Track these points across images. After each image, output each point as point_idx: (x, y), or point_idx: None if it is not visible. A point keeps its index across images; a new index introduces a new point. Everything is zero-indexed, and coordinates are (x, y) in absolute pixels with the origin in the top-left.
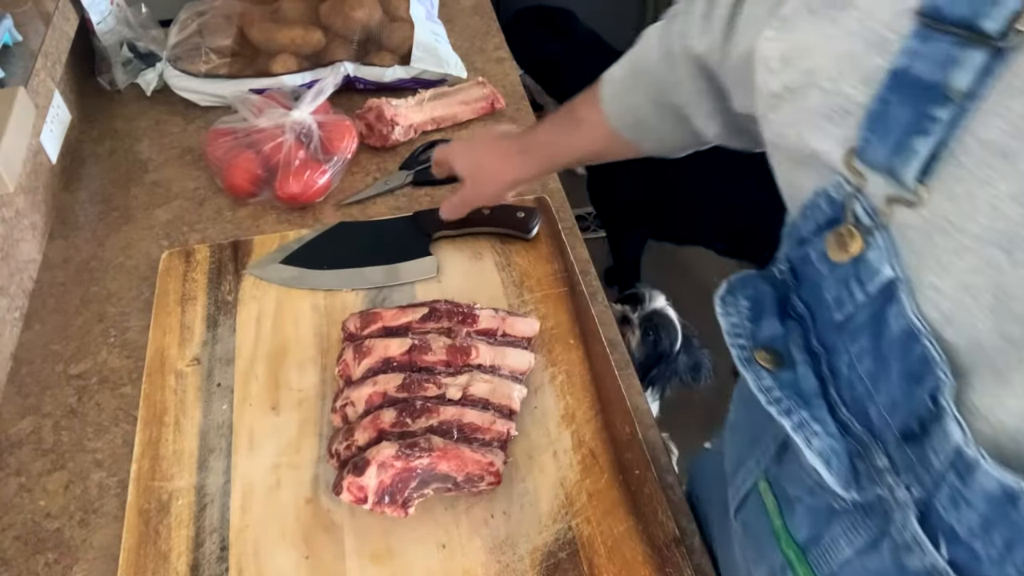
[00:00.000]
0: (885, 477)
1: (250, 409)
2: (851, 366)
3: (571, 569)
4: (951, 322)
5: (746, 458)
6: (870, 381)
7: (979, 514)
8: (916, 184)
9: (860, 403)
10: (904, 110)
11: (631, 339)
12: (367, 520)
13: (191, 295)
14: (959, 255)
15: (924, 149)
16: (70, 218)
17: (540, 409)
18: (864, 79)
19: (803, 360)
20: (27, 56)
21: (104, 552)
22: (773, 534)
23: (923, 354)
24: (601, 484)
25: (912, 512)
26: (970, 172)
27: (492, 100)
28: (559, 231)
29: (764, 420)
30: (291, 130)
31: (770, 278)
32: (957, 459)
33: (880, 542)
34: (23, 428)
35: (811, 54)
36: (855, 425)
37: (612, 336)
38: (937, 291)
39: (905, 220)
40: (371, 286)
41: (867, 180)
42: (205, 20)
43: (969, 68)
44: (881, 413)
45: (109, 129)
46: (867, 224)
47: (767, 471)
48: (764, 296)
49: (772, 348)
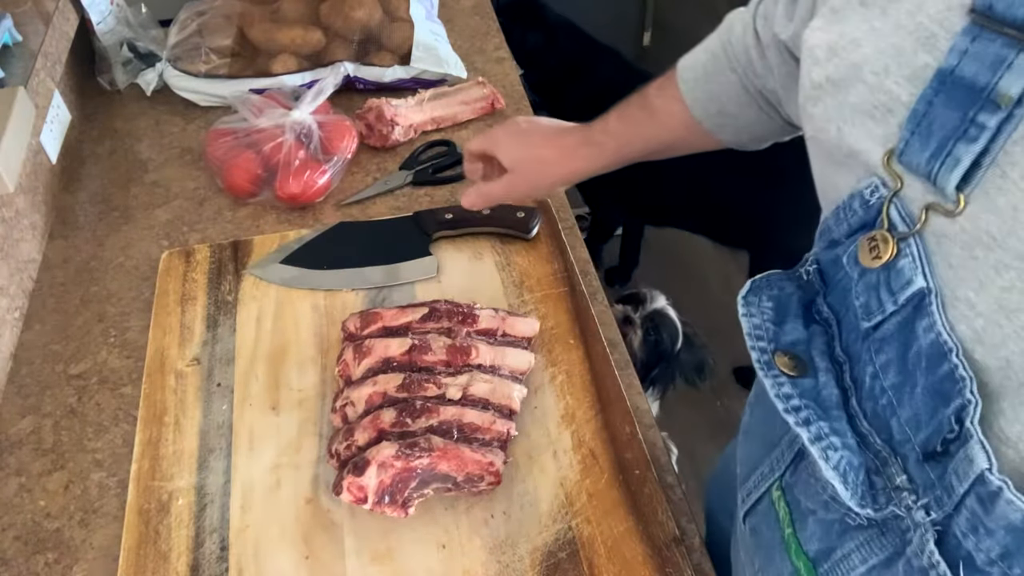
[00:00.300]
0: (903, 496)
1: (250, 409)
2: (875, 377)
3: (571, 569)
4: (983, 342)
5: (759, 463)
6: (894, 394)
7: (1000, 543)
8: (956, 193)
9: (882, 417)
10: (949, 113)
11: (633, 339)
12: (367, 520)
13: (191, 295)
14: (998, 271)
15: (967, 157)
16: (70, 218)
17: (540, 409)
18: (910, 76)
19: (825, 368)
20: (27, 56)
21: (104, 552)
22: (783, 543)
23: (951, 372)
24: (601, 484)
25: (931, 535)
26: (1015, 184)
27: (492, 100)
28: (559, 231)
29: (781, 426)
30: (291, 130)
31: (796, 279)
32: (979, 486)
33: (895, 562)
34: (23, 428)
35: (858, 46)
36: (875, 439)
37: (612, 336)
38: (971, 307)
39: (942, 230)
40: (371, 286)
41: (905, 184)
42: (205, 20)
43: (1021, 73)
44: (903, 428)
45: (109, 129)
46: (902, 230)
47: (781, 479)
48: (789, 298)
49: (794, 353)
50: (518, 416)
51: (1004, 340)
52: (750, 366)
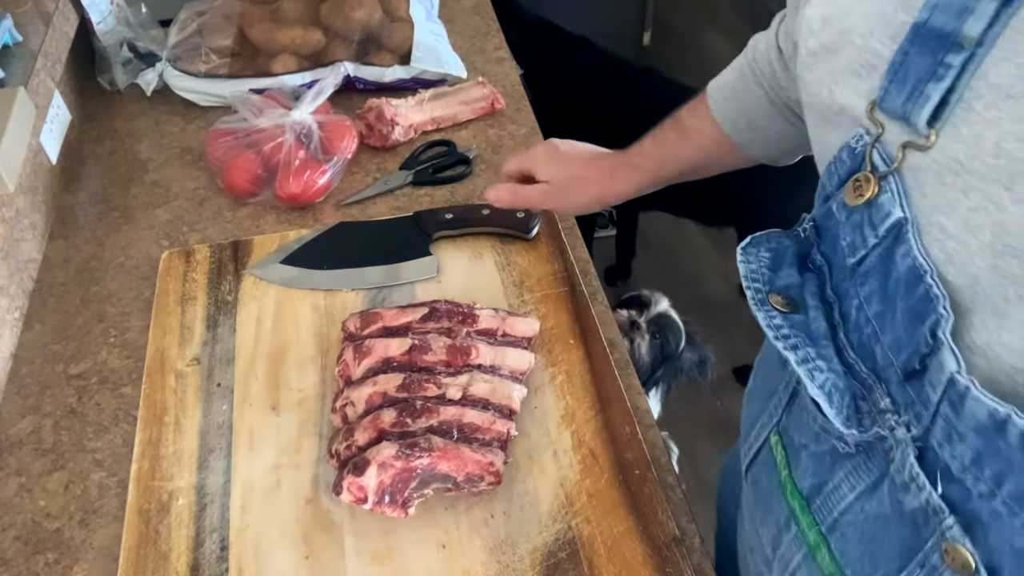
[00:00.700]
0: (886, 417)
1: (250, 409)
2: (860, 308)
3: (571, 569)
4: (953, 262)
5: (759, 414)
6: (877, 322)
7: (971, 448)
8: (927, 128)
9: (867, 345)
10: (921, 59)
11: (641, 344)
12: (367, 520)
13: (191, 295)
14: (965, 194)
15: (936, 94)
16: (70, 218)
17: (540, 409)
18: (892, 35)
19: (815, 306)
20: (27, 56)
21: (104, 552)
22: (780, 486)
23: (926, 292)
24: (601, 484)
25: (911, 450)
26: (978, 114)
27: (492, 100)
28: (559, 231)
29: (778, 373)
30: (291, 130)
31: (793, 236)
32: (950, 388)
33: (880, 484)
34: (23, 428)
35: (847, 14)
36: (861, 367)
37: (612, 336)
38: (943, 231)
39: (917, 163)
40: (371, 286)
41: (886, 129)
42: (205, 20)
43: (981, 16)
44: (886, 353)
45: (109, 129)
46: (882, 170)
47: (778, 423)
48: (785, 249)
49: (787, 295)
50: (518, 416)
51: (971, 257)
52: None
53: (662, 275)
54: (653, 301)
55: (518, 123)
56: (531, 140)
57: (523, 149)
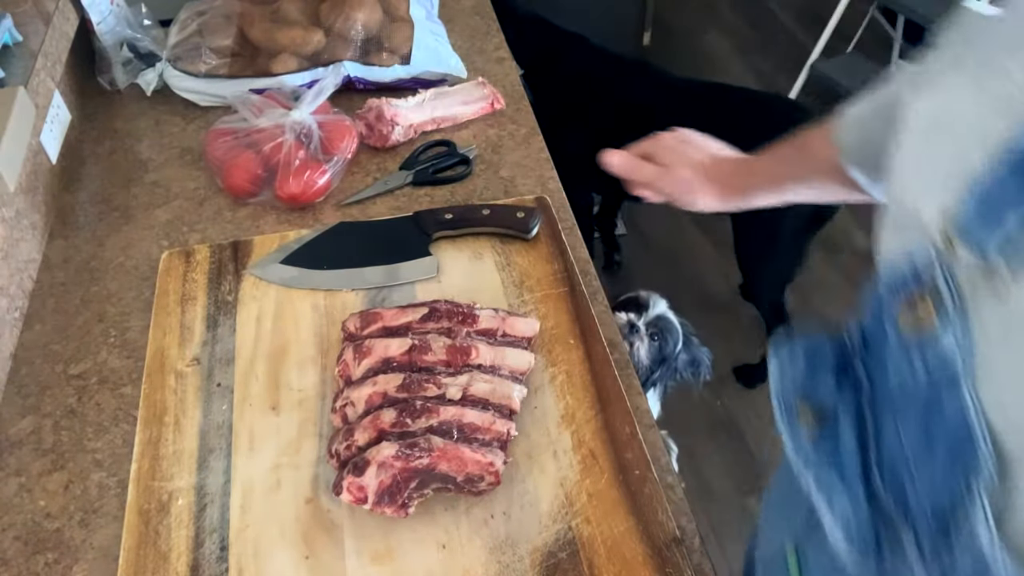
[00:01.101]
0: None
1: (250, 409)
2: (896, 435)
3: (571, 569)
4: (1008, 417)
5: (778, 520)
6: (912, 455)
7: None
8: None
9: (898, 475)
10: (1010, 181)
11: (640, 347)
12: (367, 520)
13: (191, 295)
14: None
15: (1014, 220)
16: (70, 218)
17: (540, 409)
18: (988, 146)
19: (849, 423)
20: (27, 56)
21: (104, 552)
22: None
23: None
24: (601, 484)
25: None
26: None
27: (492, 100)
28: (559, 231)
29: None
30: (291, 130)
31: (836, 341)
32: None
33: None
34: (23, 428)
35: (946, 112)
36: (887, 497)
37: (612, 336)
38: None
39: (985, 303)
40: (371, 286)
41: (955, 249)
42: (205, 20)
43: None
44: (916, 491)
45: (109, 129)
46: (944, 296)
47: (796, 536)
48: (824, 355)
49: (819, 407)
50: (518, 416)
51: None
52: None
53: (662, 275)
54: (651, 303)
55: (518, 123)
56: (531, 140)
57: (523, 149)
